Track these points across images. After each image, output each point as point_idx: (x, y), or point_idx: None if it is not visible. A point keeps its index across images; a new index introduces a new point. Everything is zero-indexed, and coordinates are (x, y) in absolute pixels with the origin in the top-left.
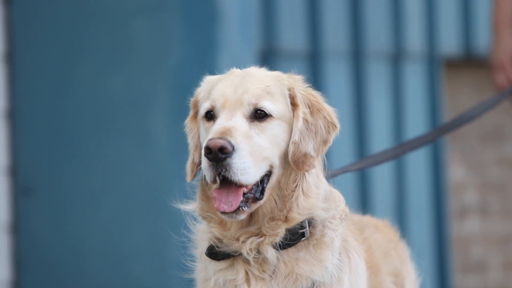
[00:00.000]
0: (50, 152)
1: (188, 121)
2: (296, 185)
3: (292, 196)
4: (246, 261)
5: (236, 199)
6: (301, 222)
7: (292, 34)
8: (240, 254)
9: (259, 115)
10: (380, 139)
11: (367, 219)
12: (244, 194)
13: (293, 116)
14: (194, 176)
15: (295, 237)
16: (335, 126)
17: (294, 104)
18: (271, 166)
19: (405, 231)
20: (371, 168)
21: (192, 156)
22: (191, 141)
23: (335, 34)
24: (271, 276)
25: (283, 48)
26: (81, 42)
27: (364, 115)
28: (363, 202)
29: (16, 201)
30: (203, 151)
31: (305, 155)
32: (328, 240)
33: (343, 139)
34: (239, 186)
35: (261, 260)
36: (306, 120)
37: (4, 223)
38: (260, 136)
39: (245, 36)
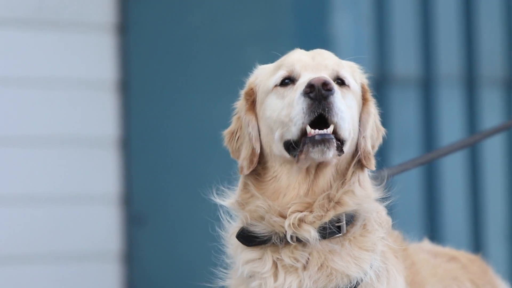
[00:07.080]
0: (163, 180)
1: (242, 113)
2: (353, 173)
3: (350, 181)
4: (276, 251)
5: (328, 131)
6: (339, 215)
7: (404, 61)
8: (270, 240)
9: (337, 83)
10: (494, 167)
11: (446, 249)
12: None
13: (362, 109)
14: (254, 167)
15: (331, 229)
16: (382, 131)
17: (364, 98)
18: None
19: None
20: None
21: (251, 147)
22: (251, 131)
23: (448, 60)
24: (304, 266)
25: (396, 75)
26: (194, 70)
27: (478, 143)
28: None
29: (128, 230)
30: (298, 95)
31: (370, 152)
32: (368, 241)
33: (455, 166)
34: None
35: (293, 247)
36: None
37: (117, 252)
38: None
39: (358, 63)
